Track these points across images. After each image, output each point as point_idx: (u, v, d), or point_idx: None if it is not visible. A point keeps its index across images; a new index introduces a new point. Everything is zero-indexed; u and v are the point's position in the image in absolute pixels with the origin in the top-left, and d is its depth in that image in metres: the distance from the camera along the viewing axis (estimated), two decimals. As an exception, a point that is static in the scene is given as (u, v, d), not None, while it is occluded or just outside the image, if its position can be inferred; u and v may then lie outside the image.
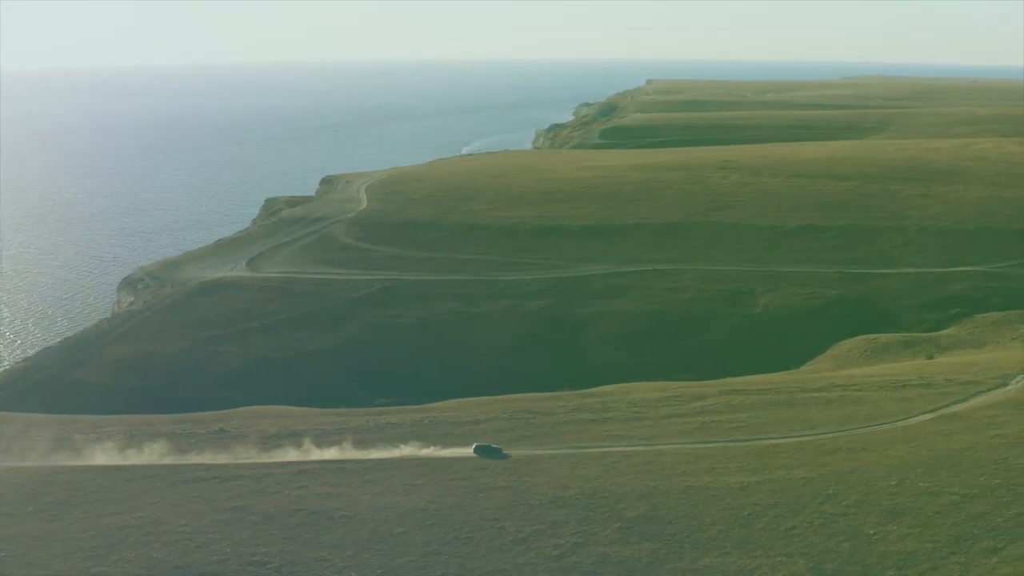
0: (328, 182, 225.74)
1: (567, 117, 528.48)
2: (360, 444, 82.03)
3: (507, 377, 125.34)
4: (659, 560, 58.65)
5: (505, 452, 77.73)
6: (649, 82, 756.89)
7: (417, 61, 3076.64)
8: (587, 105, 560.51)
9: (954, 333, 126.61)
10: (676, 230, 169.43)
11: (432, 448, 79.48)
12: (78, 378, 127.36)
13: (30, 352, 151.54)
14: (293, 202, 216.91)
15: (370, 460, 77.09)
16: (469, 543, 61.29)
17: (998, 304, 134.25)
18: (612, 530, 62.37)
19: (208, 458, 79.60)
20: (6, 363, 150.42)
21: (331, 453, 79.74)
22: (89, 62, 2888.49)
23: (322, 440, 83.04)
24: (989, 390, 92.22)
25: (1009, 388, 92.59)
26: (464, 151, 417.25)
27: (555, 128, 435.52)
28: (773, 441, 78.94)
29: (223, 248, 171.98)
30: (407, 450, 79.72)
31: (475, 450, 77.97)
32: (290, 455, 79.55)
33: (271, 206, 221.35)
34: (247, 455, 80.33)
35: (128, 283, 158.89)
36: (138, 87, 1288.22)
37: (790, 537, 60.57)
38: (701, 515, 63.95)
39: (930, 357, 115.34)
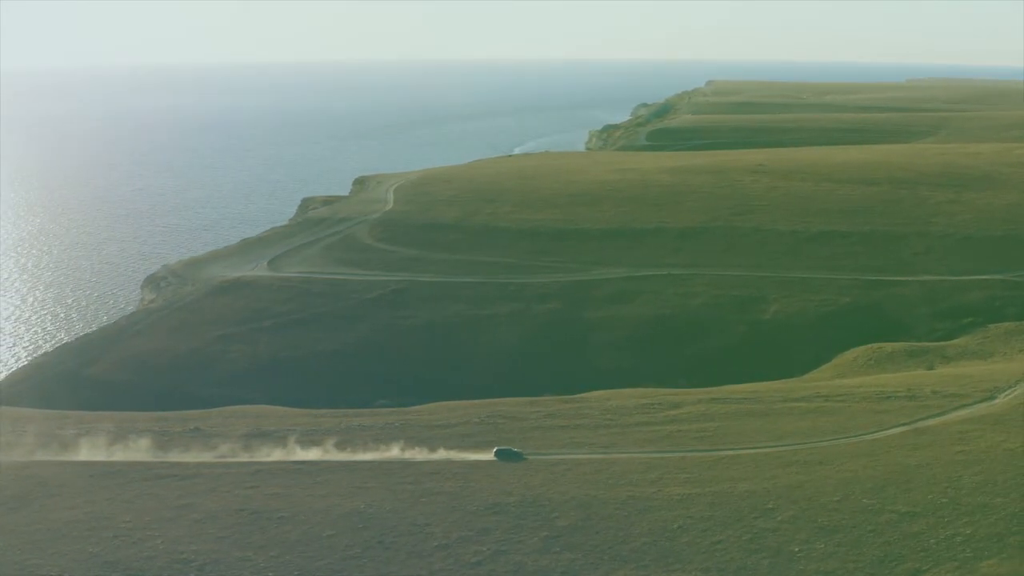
0: (361, 182, 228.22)
1: (626, 117, 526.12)
2: (324, 445, 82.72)
3: (510, 380, 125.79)
4: (574, 571, 58.43)
5: (524, 455, 77.83)
6: (709, 83, 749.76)
7: (482, 61, 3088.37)
8: (645, 106, 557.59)
9: (963, 343, 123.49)
10: (697, 234, 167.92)
11: (417, 450, 79.69)
12: (90, 374, 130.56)
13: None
14: (328, 201, 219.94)
15: (325, 461, 77.95)
16: (392, 548, 61.75)
17: (1014, 314, 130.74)
18: (538, 539, 62.31)
19: (177, 456, 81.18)
20: (36, 356, 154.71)
21: (292, 454, 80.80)
22: (137, 60, 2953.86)
23: (290, 440, 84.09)
24: (974, 403, 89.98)
25: (995, 402, 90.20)
26: (516, 151, 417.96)
27: (608, 129, 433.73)
28: (732, 452, 77.98)
29: (248, 247, 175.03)
30: (366, 453, 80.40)
31: (496, 453, 78.04)
32: (254, 455, 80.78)
33: (307, 205, 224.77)
34: (214, 454, 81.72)
35: (151, 281, 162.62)
36: (197, 85, 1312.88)
37: (712, 552, 59.85)
38: (631, 526, 63.53)
39: (931, 368, 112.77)
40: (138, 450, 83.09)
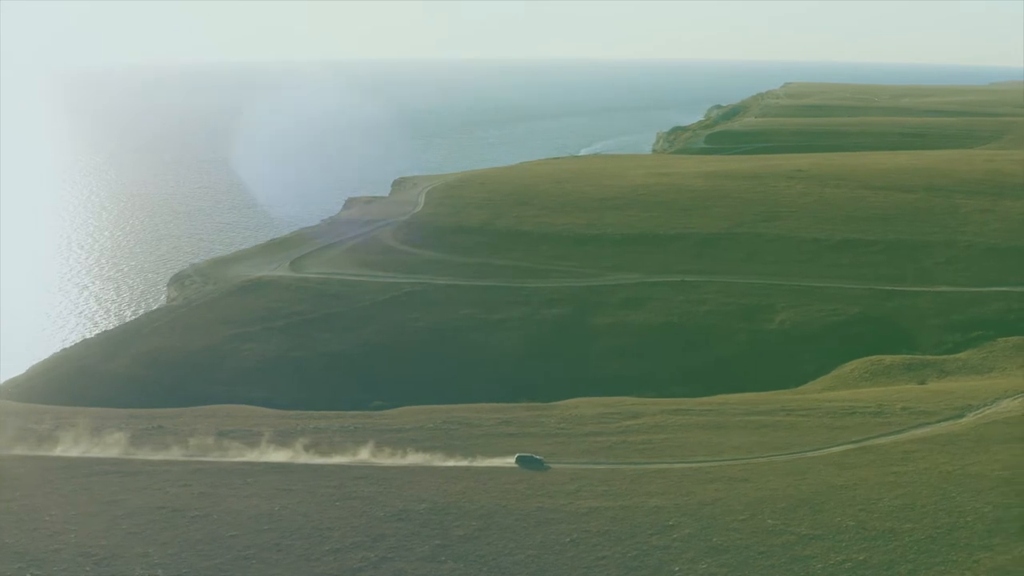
0: (399, 183, 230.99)
1: (699, 119, 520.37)
2: (283, 447, 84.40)
3: (511, 384, 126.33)
4: (449, 581, 58.83)
5: (546, 464, 77.39)
6: (786, 85, 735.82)
7: (563, 60, 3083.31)
8: (718, 107, 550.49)
9: (966, 357, 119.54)
10: (719, 240, 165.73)
11: (388, 454, 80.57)
12: (106, 370, 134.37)
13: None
14: (370, 201, 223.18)
15: (263, 463, 79.57)
16: (285, 551, 62.91)
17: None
18: (429, 547, 62.78)
19: (129, 453, 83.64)
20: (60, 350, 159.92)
21: (241, 455, 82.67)
22: (225, 58, 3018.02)
23: (248, 441, 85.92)
24: (938, 421, 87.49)
25: (960, 420, 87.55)
26: (582, 152, 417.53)
27: (676, 131, 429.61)
28: (665, 466, 77.18)
29: (275, 247, 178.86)
30: (305, 455, 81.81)
31: (517, 460, 77.81)
32: (204, 454, 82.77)
33: (349, 205, 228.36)
34: (168, 452, 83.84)
35: (177, 279, 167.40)
36: (270, 83, 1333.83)
37: (592, 567, 59.51)
38: (525, 538, 63.52)
39: (922, 382, 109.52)
40: (102, 446, 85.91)
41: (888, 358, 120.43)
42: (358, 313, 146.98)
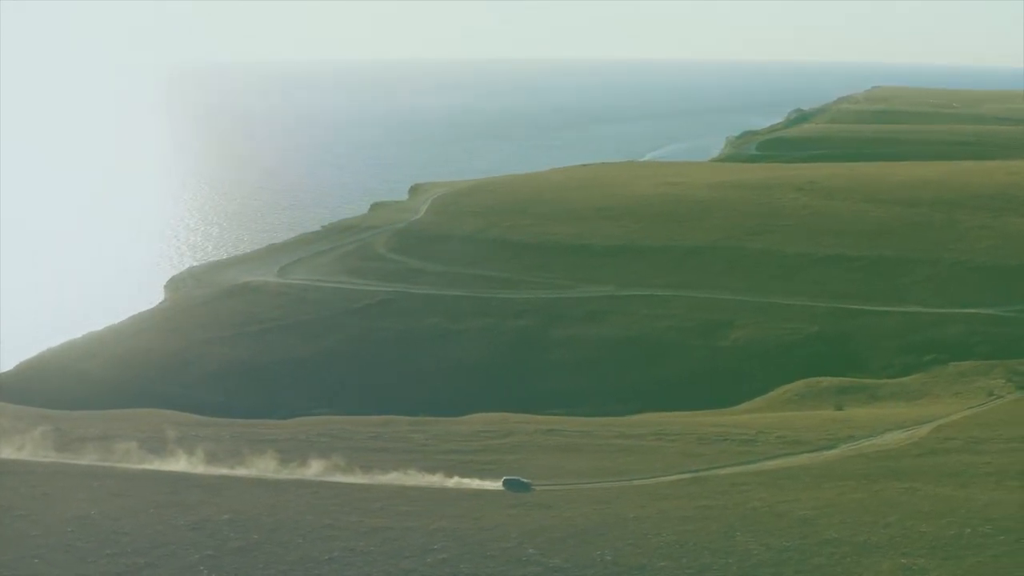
0: (415, 190, 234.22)
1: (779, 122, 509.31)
2: (160, 454, 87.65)
3: (457, 396, 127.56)
4: (191, 594, 60.87)
5: (532, 486, 77.15)
6: (873, 88, 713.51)
7: (660, 60, 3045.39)
8: (799, 111, 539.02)
9: (907, 381, 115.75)
10: (701, 254, 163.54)
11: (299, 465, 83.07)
12: (81, 369, 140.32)
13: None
14: (391, 206, 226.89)
15: (119, 468, 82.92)
16: (72, 551, 65.26)
17: (984, 352, 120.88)
18: (198, 557, 64.73)
19: (15, 454, 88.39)
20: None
21: (113, 459, 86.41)
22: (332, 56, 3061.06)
23: (149, 447, 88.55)
24: (802, 452, 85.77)
25: (826, 453, 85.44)
26: (647, 157, 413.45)
27: (746, 135, 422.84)
28: (487, 488, 77.53)
29: (273, 252, 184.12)
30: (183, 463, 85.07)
31: (504, 483, 77.69)
32: (76, 459, 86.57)
33: (374, 209, 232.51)
34: (54, 455, 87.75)
35: (172, 282, 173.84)
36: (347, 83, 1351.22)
37: (336, 585, 60.87)
38: (288, 553, 64.79)
39: (839, 408, 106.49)
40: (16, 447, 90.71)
41: (826, 380, 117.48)
42: (329, 320, 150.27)
